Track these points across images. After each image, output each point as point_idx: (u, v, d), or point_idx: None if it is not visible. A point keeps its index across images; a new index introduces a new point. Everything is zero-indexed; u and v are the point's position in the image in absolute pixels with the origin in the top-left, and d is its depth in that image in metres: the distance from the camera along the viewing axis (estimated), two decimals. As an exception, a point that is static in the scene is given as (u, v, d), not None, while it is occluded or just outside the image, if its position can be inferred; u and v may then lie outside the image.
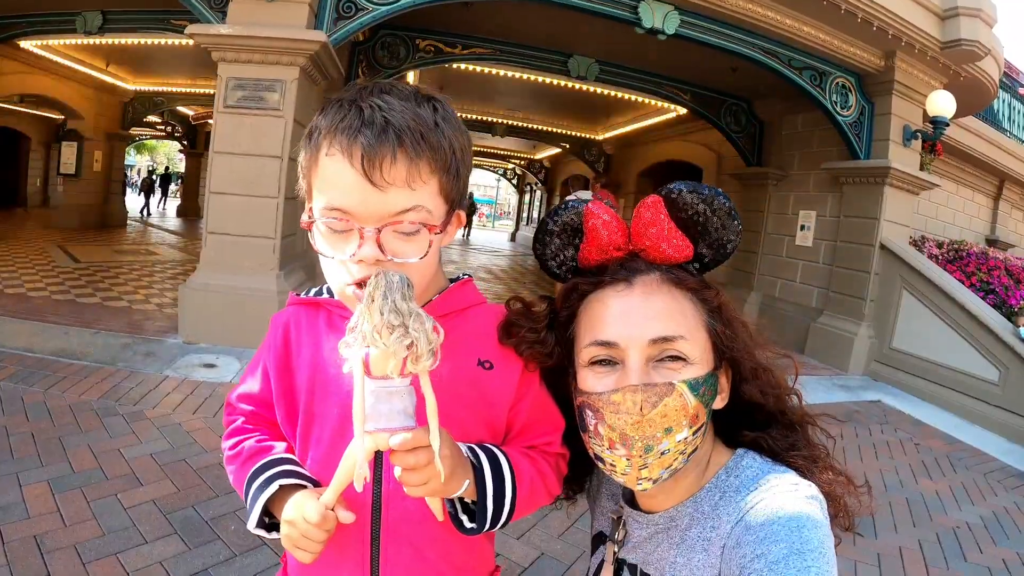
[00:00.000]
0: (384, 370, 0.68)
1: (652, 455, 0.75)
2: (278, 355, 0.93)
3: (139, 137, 21.74)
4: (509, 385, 0.90)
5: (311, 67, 5.24)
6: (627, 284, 0.81)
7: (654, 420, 0.74)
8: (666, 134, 11.64)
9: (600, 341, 0.80)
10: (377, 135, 0.72)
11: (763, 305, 8.51)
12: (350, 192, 0.74)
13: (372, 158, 0.72)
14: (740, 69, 7.29)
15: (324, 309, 0.93)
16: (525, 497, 0.86)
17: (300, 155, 0.80)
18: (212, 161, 5.27)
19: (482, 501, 0.82)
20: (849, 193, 7.28)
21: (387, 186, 0.73)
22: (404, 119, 0.74)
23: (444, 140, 0.77)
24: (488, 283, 11.38)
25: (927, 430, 5.39)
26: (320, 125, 0.77)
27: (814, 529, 0.68)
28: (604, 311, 0.81)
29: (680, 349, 0.77)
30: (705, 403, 0.78)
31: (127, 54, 10.45)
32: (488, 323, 0.92)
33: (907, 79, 6.84)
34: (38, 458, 3.05)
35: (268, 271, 5.26)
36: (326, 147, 0.75)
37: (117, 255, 9.53)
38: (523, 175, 24.31)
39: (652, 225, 0.82)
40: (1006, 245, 10.98)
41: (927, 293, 6.47)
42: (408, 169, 0.73)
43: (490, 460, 0.84)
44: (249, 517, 0.86)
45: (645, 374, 0.76)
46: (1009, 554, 3.33)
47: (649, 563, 0.85)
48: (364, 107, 0.74)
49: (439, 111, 0.78)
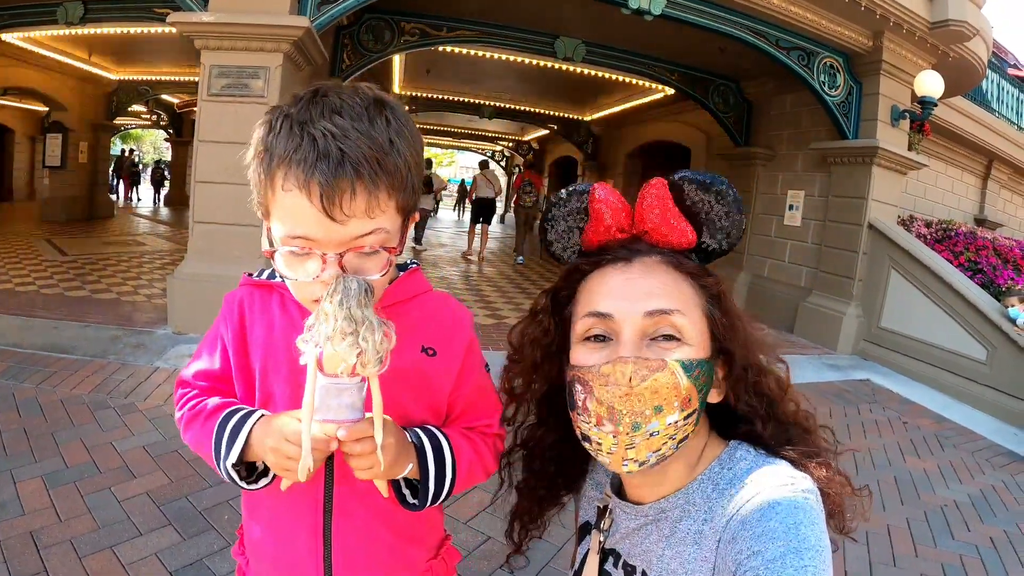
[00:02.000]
0: (335, 370, 0.73)
1: (640, 434, 0.74)
2: (235, 333, 0.95)
3: (125, 127, 21.47)
4: (450, 371, 0.96)
5: (295, 53, 5.18)
6: (626, 262, 0.81)
7: (643, 395, 0.73)
8: (654, 115, 11.61)
9: (595, 312, 0.79)
10: (334, 170, 0.71)
11: (752, 285, 8.55)
12: (311, 225, 0.74)
13: (331, 195, 0.72)
14: (728, 49, 7.26)
15: (277, 292, 0.95)
16: (464, 476, 0.93)
17: (251, 171, 0.79)
18: (197, 150, 5.22)
19: (424, 481, 0.89)
20: (837, 173, 7.30)
21: (347, 219, 0.73)
22: (359, 148, 0.73)
23: (400, 160, 0.77)
24: (476, 265, 11.35)
25: (915, 409, 5.46)
26: (271, 148, 0.75)
27: (811, 526, 0.67)
28: (602, 286, 0.81)
29: (676, 324, 0.76)
30: (699, 388, 0.77)
31: (110, 44, 10.29)
32: (433, 311, 0.98)
33: (895, 59, 6.84)
34: (31, 454, 3.04)
35: (256, 259, 5.21)
36: (281, 179, 0.74)
37: (105, 247, 9.45)
38: (511, 157, 24.19)
39: (655, 208, 0.82)
40: (994, 224, 11.04)
41: (915, 273, 6.51)
42: (368, 201, 0.74)
43: (432, 443, 0.90)
44: (227, 454, 0.87)
45: (638, 349, 0.76)
46: (996, 532, 3.39)
47: (634, 555, 0.84)
48: (316, 135, 0.73)
49: (392, 123, 0.78)
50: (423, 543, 1.04)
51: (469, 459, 0.94)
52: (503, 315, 7.00)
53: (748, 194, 8.68)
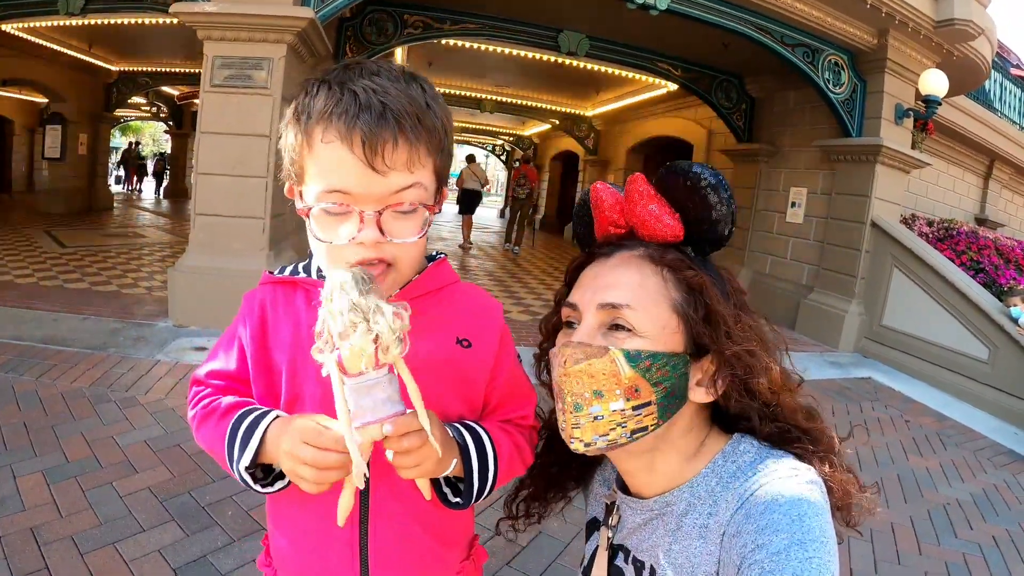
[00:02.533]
0: (359, 367, 0.70)
1: (582, 415, 0.77)
2: (255, 333, 0.91)
3: (124, 119, 21.39)
4: (486, 362, 0.93)
5: (299, 44, 5.15)
6: (607, 257, 0.85)
7: (581, 378, 0.76)
8: (656, 110, 11.58)
9: (568, 303, 0.85)
10: (376, 120, 0.72)
11: (753, 281, 8.54)
12: (350, 176, 0.73)
13: (374, 144, 0.72)
14: (732, 45, 7.22)
15: (301, 287, 0.91)
16: (505, 470, 0.90)
17: (286, 138, 0.79)
18: (199, 142, 5.19)
19: (468, 478, 0.85)
20: (840, 170, 7.28)
21: (388, 171, 0.73)
22: (400, 102, 0.74)
23: (437, 121, 0.78)
24: (478, 260, 11.43)
25: (917, 407, 5.45)
26: (310, 109, 0.75)
27: (815, 517, 0.67)
28: (582, 278, 0.86)
29: (625, 317, 0.78)
30: (650, 380, 0.75)
31: (110, 35, 10.22)
32: (464, 301, 0.96)
33: (900, 57, 6.82)
34: (31, 449, 3.01)
35: (258, 251, 5.21)
36: (321, 133, 0.74)
37: (105, 239, 9.41)
38: (512, 151, 24.13)
39: (637, 203, 0.83)
40: (995, 224, 11.04)
41: (917, 271, 6.50)
42: (409, 153, 0.74)
43: (473, 438, 0.87)
44: (242, 455, 0.82)
45: (592, 337, 0.79)
46: (999, 531, 3.38)
47: (642, 549, 0.84)
48: (357, 90, 0.73)
49: (427, 91, 0.79)
50: (457, 544, 1.01)
51: (509, 453, 0.92)
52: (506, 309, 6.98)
53: (750, 190, 8.66)
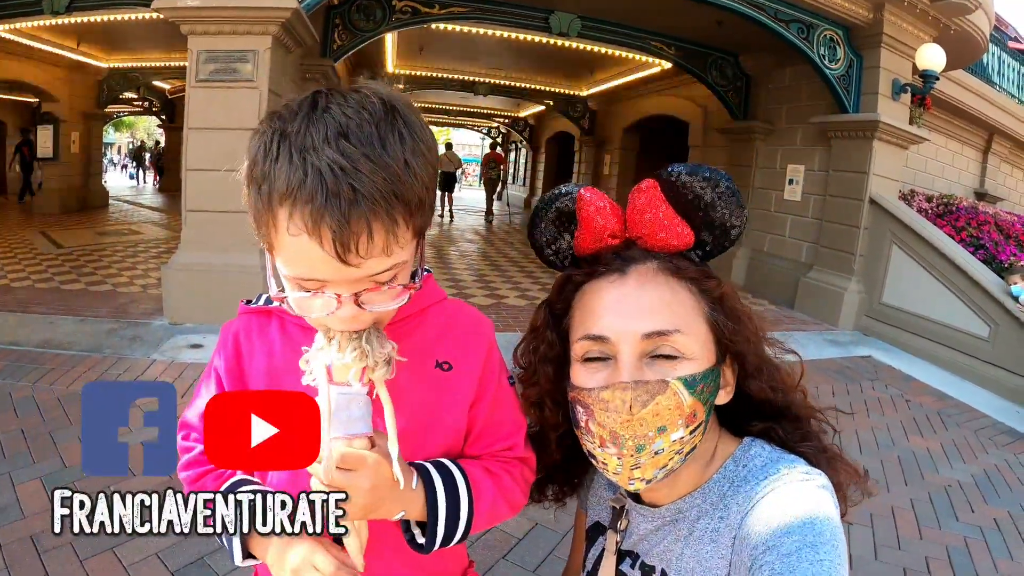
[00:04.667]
0: (344, 378, 0.72)
1: (645, 455, 0.73)
2: (229, 365, 0.89)
3: (116, 115, 21.28)
4: (468, 385, 0.88)
5: (284, 35, 5.09)
6: (620, 274, 0.78)
7: (645, 419, 0.71)
8: (652, 89, 11.48)
9: (591, 335, 0.77)
10: (347, 209, 0.62)
11: (752, 260, 8.51)
12: (322, 269, 0.66)
13: (345, 241, 0.63)
14: (726, 22, 7.11)
15: (276, 317, 0.89)
16: (485, 515, 0.85)
17: (248, 197, 0.69)
18: (188, 137, 5.16)
19: (432, 523, 0.80)
20: (838, 147, 7.21)
21: (364, 261, 0.65)
22: (374, 182, 0.63)
23: (417, 183, 0.67)
24: (476, 244, 11.55)
25: (918, 386, 5.44)
26: (271, 182, 0.64)
27: (826, 520, 0.67)
28: (597, 303, 0.78)
29: (676, 344, 0.74)
30: (704, 400, 0.75)
31: (98, 32, 10.10)
32: (447, 322, 0.90)
33: (896, 32, 6.71)
34: (29, 455, 3.02)
35: (250, 247, 5.15)
36: (285, 219, 0.64)
37: (100, 237, 9.37)
38: (508, 133, 24.01)
39: (648, 211, 0.78)
40: (995, 199, 10.98)
41: (917, 248, 6.46)
42: (386, 239, 0.65)
43: (445, 482, 0.82)
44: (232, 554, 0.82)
45: (638, 371, 0.73)
46: (1000, 513, 3.38)
47: (652, 555, 0.84)
48: (323, 168, 0.62)
49: (405, 139, 0.67)
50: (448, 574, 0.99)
51: (492, 498, 0.86)
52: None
53: (747, 168, 8.60)
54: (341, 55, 7.22)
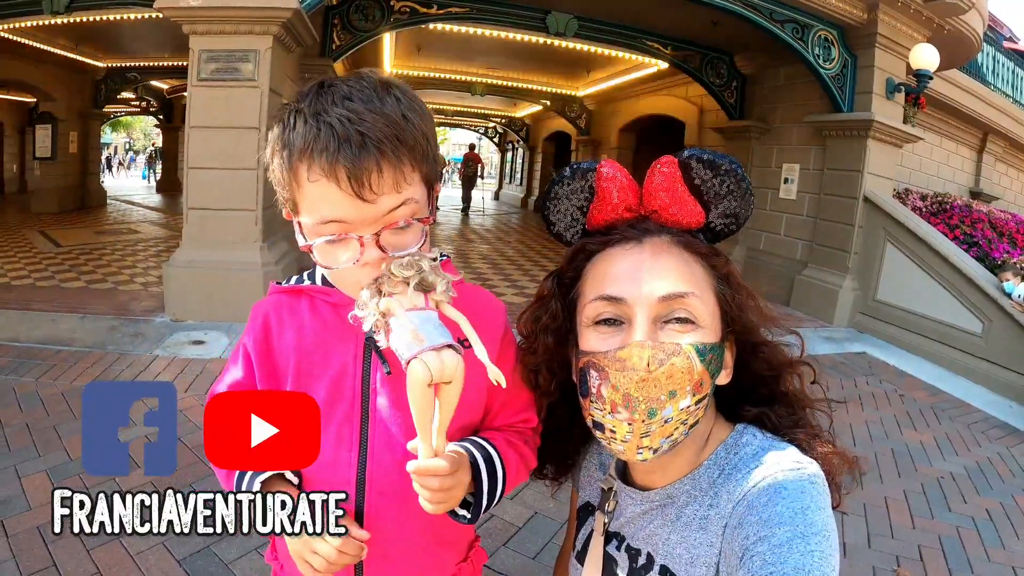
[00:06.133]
0: (412, 304, 0.76)
1: (655, 421, 0.73)
2: (258, 342, 0.94)
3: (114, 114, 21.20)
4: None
5: (285, 35, 5.12)
6: (637, 243, 0.80)
7: (659, 380, 0.72)
8: (648, 89, 11.52)
9: (606, 295, 0.78)
10: (357, 152, 0.73)
11: (748, 258, 8.54)
12: (341, 208, 0.75)
13: (359, 176, 0.73)
14: (721, 23, 7.18)
15: (306, 295, 0.94)
16: (512, 482, 0.91)
17: (272, 169, 0.80)
18: (189, 136, 5.19)
19: (478, 496, 0.86)
20: (832, 146, 7.27)
21: (377, 197, 0.75)
22: (377, 127, 0.74)
23: (416, 132, 0.78)
24: (475, 243, 11.60)
25: (912, 381, 5.50)
26: (290, 144, 0.76)
27: (818, 511, 0.68)
28: (611, 267, 0.80)
29: (690, 307, 0.75)
30: (711, 372, 0.76)
31: (97, 31, 10.06)
32: (465, 301, 0.92)
33: (890, 32, 6.77)
34: (35, 449, 3.05)
35: (251, 244, 5.22)
36: (305, 170, 0.75)
37: (99, 236, 9.37)
38: (504, 133, 24.01)
39: (664, 188, 0.81)
40: (989, 198, 11.01)
41: (911, 246, 6.51)
42: (394, 175, 0.75)
43: (483, 456, 0.88)
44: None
45: (652, 333, 0.74)
46: (992, 504, 3.43)
47: (639, 538, 0.84)
48: (333, 122, 0.74)
49: (401, 101, 0.79)
50: (455, 545, 1.02)
51: (516, 466, 0.92)
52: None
53: (743, 167, 8.62)
54: (340, 55, 7.26)
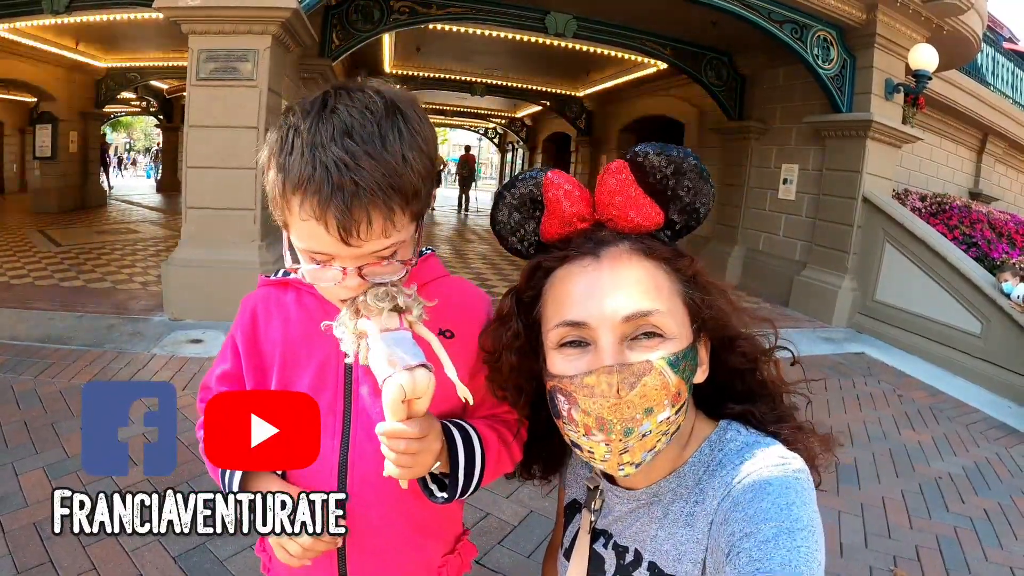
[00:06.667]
0: (386, 324, 0.79)
1: (633, 438, 0.71)
2: (246, 334, 0.97)
3: (114, 114, 21.23)
4: (469, 353, 0.94)
5: (284, 35, 5.13)
6: (594, 258, 0.76)
7: (633, 402, 0.70)
8: (647, 89, 11.53)
9: (568, 321, 0.74)
10: (348, 201, 0.71)
11: (747, 259, 8.56)
12: (328, 247, 0.76)
13: (347, 226, 0.72)
14: (720, 23, 7.19)
15: (292, 288, 0.96)
16: (492, 467, 0.92)
17: (266, 179, 0.79)
18: (188, 136, 5.20)
19: (454, 473, 0.87)
20: (831, 147, 7.28)
21: (364, 243, 0.75)
22: (374, 176, 0.72)
23: (414, 176, 0.75)
24: (474, 244, 11.61)
25: (910, 382, 5.50)
26: (285, 170, 0.74)
27: (803, 507, 0.67)
28: (571, 288, 0.75)
29: (656, 323, 0.72)
30: (686, 379, 0.74)
31: (97, 31, 10.10)
32: (449, 294, 0.95)
33: (889, 32, 6.78)
34: (32, 446, 3.06)
35: (250, 243, 5.22)
36: (297, 206, 0.74)
37: (98, 236, 9.38)
38: (504, 134, 24.05)
39: (618, 193, 0.77)
40: (989, 198, 11.00)
41: (910, 246, 6.52)
42: (383, 225, 0.75)
43: (461, 435, 0.89)
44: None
45: (619, 354, 0.71)
46: (990, 504, 3.43)
47: (625, 536, 0.84)
48: (329, 164, 0.71)
49: (404, 134, 0.75)
50: (440, 537, 1.03)
51: (497, 449, 0.93)
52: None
53: (742, 168, 8.67)
54: (339, 55, 7.26)
